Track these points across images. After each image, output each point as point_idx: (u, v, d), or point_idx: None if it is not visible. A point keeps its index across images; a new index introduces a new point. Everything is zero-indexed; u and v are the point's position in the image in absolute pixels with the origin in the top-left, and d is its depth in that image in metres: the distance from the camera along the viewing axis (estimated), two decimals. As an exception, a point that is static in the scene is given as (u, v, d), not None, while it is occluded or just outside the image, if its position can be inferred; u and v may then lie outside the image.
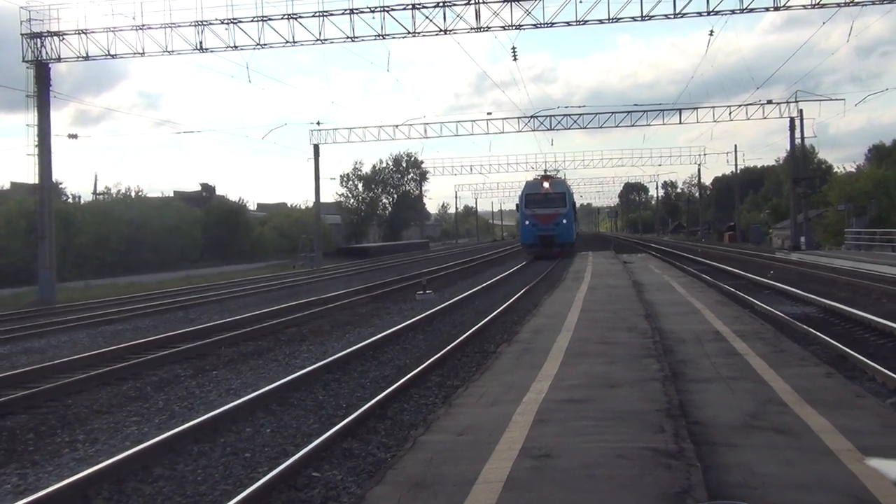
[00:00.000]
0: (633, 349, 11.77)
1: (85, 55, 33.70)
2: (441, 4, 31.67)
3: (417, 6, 31.76)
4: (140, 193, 71.10)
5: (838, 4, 30.52)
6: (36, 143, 33.28)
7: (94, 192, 74.06)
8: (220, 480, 7.72)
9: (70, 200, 65.68)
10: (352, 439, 8.85)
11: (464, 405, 8.68)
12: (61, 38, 33.42)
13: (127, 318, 23.68)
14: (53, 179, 36.83)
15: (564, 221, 50.92)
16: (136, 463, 8.04)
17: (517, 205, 54.46)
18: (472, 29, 31.97)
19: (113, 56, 33.83)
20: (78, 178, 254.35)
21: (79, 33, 33.36)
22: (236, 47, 32.97)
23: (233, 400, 10.91)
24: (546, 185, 51.96)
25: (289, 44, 32.76)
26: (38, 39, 33.27)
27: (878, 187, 59.05)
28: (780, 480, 5.86)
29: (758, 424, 7.40)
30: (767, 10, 31.20)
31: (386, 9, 31.86)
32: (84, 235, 53.91)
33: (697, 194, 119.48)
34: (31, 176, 34.14)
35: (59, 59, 33.89)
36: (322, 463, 8.02)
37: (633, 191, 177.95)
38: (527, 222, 51.47)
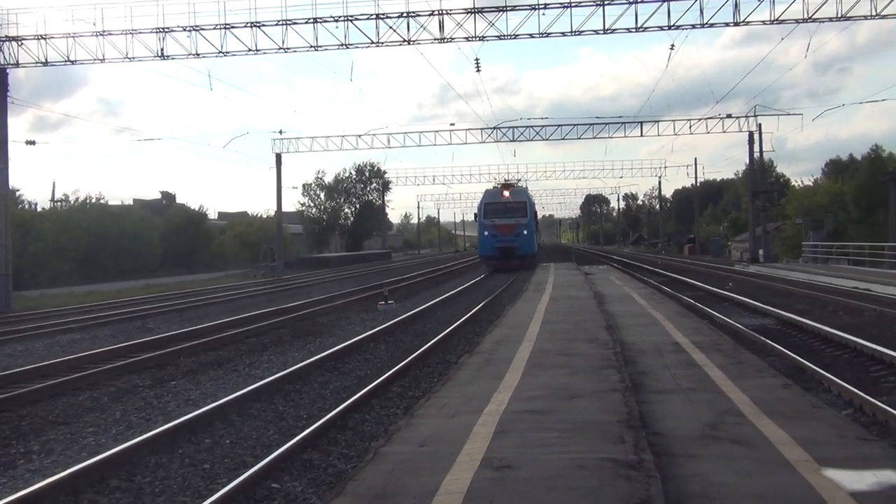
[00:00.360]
0: (593, 360, 11.82)
1: (44, 61, 33.30)
2: (405, 15, 31.72)
3: (381, 16, 31.80)
4: (100, 201, 70.18)
5: (797, 20, 31.01)
6: (-8, 149, 32.80)
7: (52, 200, 73.12)
8: (178, 492, 7.63)
9: (27, 207, 64.71)
10: (312, 450, 8.79)
11: (425, 416, 8.66)
12: (20, 43, 33.01)
13: (84, 327, 23.35)
14: (10, 186, 36.27)
15: (525, 232, 48.57)
16: (92, 474, 7.92)
17: (475, 214, 51.95)
18: (435, 40, 32.06)
19: (73, 62, 33.49)
20: (36, 185, 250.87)
21: (38, 38, 32.97)
22: (198, 55, 32.77)
23: (192, 410, 10.81)
24: (506, 193, 49.67)
25: (251, 52, 32.62)
26: (-4, 45, 32.82)
27: (834, 201, 60.06)
28: (737, 491, 5.91)
29: (716, 435, 7.46)
30: (727, 24, 31.66)
31: (350, 18, 31.85)
32: (41, 243, 53.20)
33: (658, 207, 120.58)
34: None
35: (17, 65, 33.47)
36: (282, 474, 7.96)
37: (594, 202, 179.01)
38: (486, 233, 49.12)
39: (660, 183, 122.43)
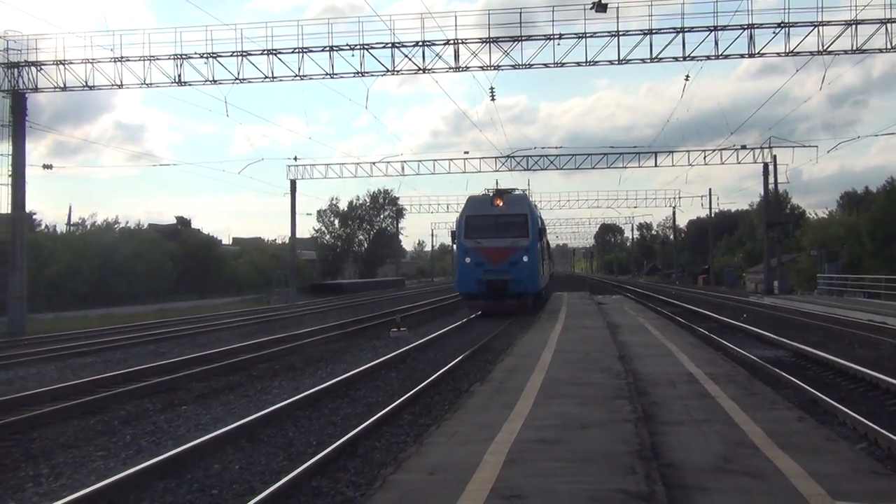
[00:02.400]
0: (605, 390, 11.75)
1: (63, 86, 33.62)
2: (420, 44, 31.91)
3: (397, 45, 32.00)
4: (115, 225, 70.56)
5: (811, 53, 31.06)
6: (10, 172, 33.08)
7: (68, 223, 73.52)
8: (185, 517, 7.58)
9: (44, 230, 65.06)
10: (321, 477, 8.74)
11: (435, 444, 8.61)
12: (39, 68, 33.38)
13: (97, 350, 23.40)
14: (27, 210, 36.51)
15: (525, 259, 33.23)
16: (100, 499, 7.89)
17: (453, 232, 36.02)
18: (450, 68, 32.25)
19: (91, 87, 33.78)
20: (53, 209, 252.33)
21: (57, 64, 33.32)
22: (215, 81, 33.01)
23: (201, 435, 10.77)
24: (499, 202, 34.11)
25: (268, 79, 32.85)
26: (16, 69, 33.20)
27: (850, 233, 59.80)
28: (750, 524, 5.83)
29: (729, 468, 7.38)
30: (742, 56, 31.67)
31: (365, 47, 32.06)
32: (56, 266, 53.42)
33: (672, 237, 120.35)
34: (3, 206, 33.87)
35: (36, 90, 33.82)
36: (290, 501, 7.91)
37: (608, 232, 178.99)
38: (467, 259, 33.67)
39: (674, 213, 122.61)
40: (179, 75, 32.96)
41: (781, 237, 59.55)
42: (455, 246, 36.94)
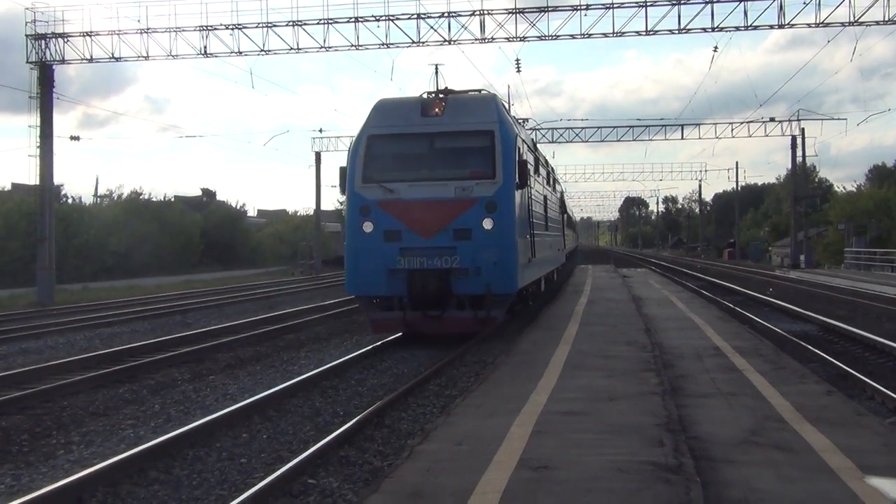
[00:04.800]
0: (632, 363, 11.73)
1: (89, 58, 33.70)
2: (446, 15, 31.68)
3: (422, 16, 31.78)
4: (141, 196, 71.01)
5: (842, 24, 30.57)
6: (38, 144, 33.30)
7: (95, 195, 74.09)
8: (215, 485, 7.66)
9: (71, 202, 65.61)
10: (348, 447, 8.79)
11: (462, 415, 8.64)
12: (66, 39, 33.45)
13: (125, 321, 23.63)
14: (55, 181, 36.77)
15: (490, 225, 15.78)
16: (131, 466, 7.98)
17: (341, 178, 17.13)
18: (476, 40, 31.97)
19: (117, 59, 33.82)
20: (80, 181, 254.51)
21: (83, 35, 33.36)
22: (241, 53, 32.96)
23: (230, 405, 10.86)
24: (436, 110, 16.74)
25: (293, 50, 32.75)
26: (43, 41, 33.30)
27: (878, 207, 59.18)
28: (780, 498, 5.82)
29: (757, 441, 7.36)
30: (772, 27, 31.26)
31: (391, 18, 31.86)
32: (83, 237, 53.89)
33: (698, 210, 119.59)
34: (32, 177, 34.13)
35: (63, 61, 33.92)
36: (318, 470, 7.96)
37: (633, 205, 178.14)
38: (366, 227, 16.24)
39: (700, 186, 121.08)
40: (205, 47, 32.94)
41: (809, 211, 59.07)
42: (344, 202, 19.27)
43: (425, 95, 17.52)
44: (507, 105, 19.41)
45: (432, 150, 16.71)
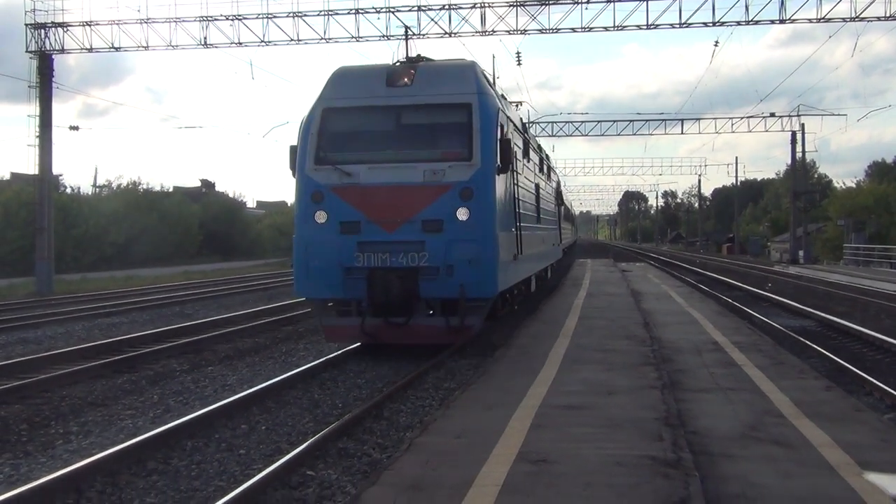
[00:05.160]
0: (631, 357, 11.74)
1: (89, 47, 33.63)
2: (446, 7, 31.63)
3: (423, 8, 31.73)
4: (140, 187, 70.96)
5: (844, 19, 30.55)
6: (37, 133, 33.25)
7: (94, 185, 74.02)
8: (214, 476, 7.66)
9: (69, 192, 65.53)
10: (347, 439, 8.79)
11: (461, 408, 8.65)
12: (65, 29, 33.37)
13: (123, 311, 23.63)
14: (54, 171, 36.75)
15: (465, 216, 13.23)
16: (130, 456, 7.98)
17: (291, 157, 14.16)
18: (476, 32, 31.91)
19: (117, 49, 33.72)
20: (79, 171, 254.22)
21: (83, 25, 33.28)
22: (240, 44, 32.88)
23: (228, 395, 10.87)
24: (405, 80, 14.28)
25: (293, 41, 32.66)
26: (43, 30, 33.22)
27: (878, 203, 59.23)
28: (778, 493, 5.83)
29: (756, 436, 7.37)
30: (773, 22, 31.19)
31: (391, 10, 31.80)
32: (82, 228, 53.87)
33: (697, 205, 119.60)
34: (31, 167, 34.09)
35: (62, 51, 33.85)
36: (317, 462, 7.97)
37: (632, 199, 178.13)
38: (318, 218, 13.71)
39: (699, 181, 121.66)
40: (205, 37, 32.84)
41: (808, 206, 59.06)
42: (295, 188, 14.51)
43: (397, 65, 14.99)
44: (490, 77, 16.48)
45: (398, 126, 14.30)
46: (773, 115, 54.29)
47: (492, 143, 13.59)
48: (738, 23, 30.95)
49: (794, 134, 55.79)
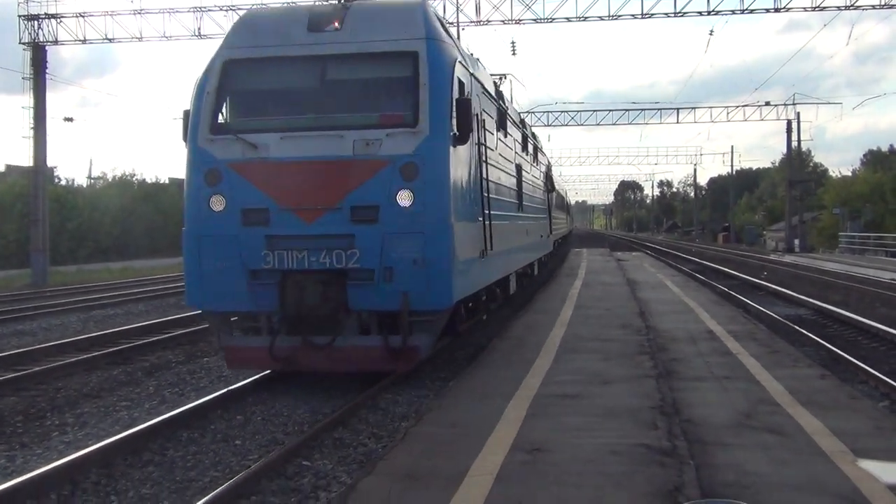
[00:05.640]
0: (626, 346, 11.76)
1: (83, 39, 33.55)
2: (442, -3, 31.49)
3: (419, -2, 31.51)
4: (135, 178, 70.78)
5: (839, 7, 30.57)
6: (31, 125, 33.17)
7: (89, 177, 73.87)
8: (209, 467, 7.66)
9: (64, 184, 65.39)
10: (342, 429, 8.80)
11: (455, 398, 8.67)
12: (59, 20, 33.29)
13: (119, 302, 23.62)
14: (48, 163, 36.66)
15: (408, 202, 9.78)
16: (125, 447, 7.98)
17: (184, 125, 10.73)
18: (471, 22, 31.88)
19: (111, 40, 33.70)
20: (74, 162, 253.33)
21: (77, 16, 33.23)
22: (235, 34, 32.72)
23: (224, 386, 10.86)
24: (335, 24, 10.58)
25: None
26: (36, 21, 33.13)
27: (873, 192, 59.34)
28: (772, 480, 5.84)
29: (751, 424, 7.38)
30: (768, 10, 31.17)
31: (387, 0, 31.58)
32: (78, 219, 53.78)
33: (693, 194, 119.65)
34: (26, 159, 34.05)
35: (56, 42, 33.79)
36: (312, 452, 7.97)
37: (628, 189, 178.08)
38: (214, 205, 10.16)
39: (695, 170, 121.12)
40: (199, 28, 32.78)
41: (803, 195, 59.14)
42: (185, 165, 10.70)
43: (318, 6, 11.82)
44: (445, 23, 12.34)
45: (322, 82, 10.71)
46: (768, 104, 54.38)
47: (445, 103, 10.17)
48: (733, 12, 31.08)
49: (789, 123, 55.86)
